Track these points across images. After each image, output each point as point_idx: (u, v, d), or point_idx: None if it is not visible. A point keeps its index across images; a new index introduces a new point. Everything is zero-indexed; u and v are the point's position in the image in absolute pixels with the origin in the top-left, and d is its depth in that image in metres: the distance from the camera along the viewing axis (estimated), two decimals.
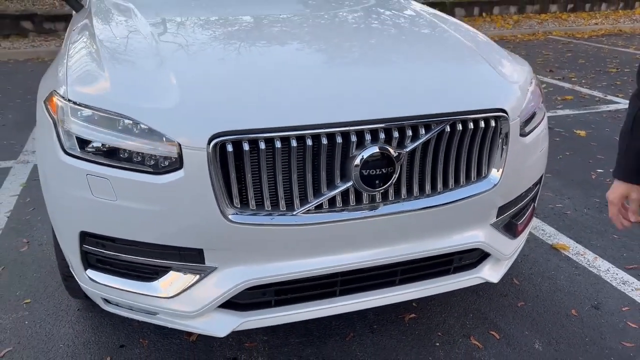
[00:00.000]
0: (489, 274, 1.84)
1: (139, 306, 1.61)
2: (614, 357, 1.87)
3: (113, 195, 1.46)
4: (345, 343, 1.94)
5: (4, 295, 2.18)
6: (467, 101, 1.60)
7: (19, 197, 3.08)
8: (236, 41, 1.96)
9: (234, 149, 1.40)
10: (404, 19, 2.42)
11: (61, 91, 1.59)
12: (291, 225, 1.48)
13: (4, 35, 8.07)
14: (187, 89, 1.53)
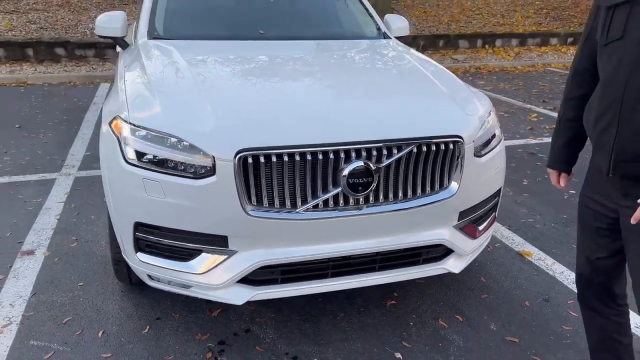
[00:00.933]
0: (452, 266, 2.30)
1: (176, 281, 2.10)
2: (553, 336, 2.31)
3: (162, 194, 1.96)
4: (337, 321, 2.40)
5: (62, 280, 2.68)
6: (431, 129, 2.10)
7: (65, 203, 3.60)
8: (254, 76, 2.50)
9: (253, 161, 1.90)
10: (389, 61, 2.95)
11: (123, 115, 2.12)
12: (294, 219, 1.97)
13: (39, 61, 8.76)
14: (219, 115, 2.05)
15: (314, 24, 3.42)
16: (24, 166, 4.30)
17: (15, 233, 3.15)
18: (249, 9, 3.39)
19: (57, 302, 2.49)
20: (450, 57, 10.24)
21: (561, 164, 1.82)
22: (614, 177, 1.52)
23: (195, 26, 3.17)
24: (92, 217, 3.38)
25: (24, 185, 3.91)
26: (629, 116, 1.43)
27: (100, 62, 8.92)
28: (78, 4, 10.59)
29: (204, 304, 2.48)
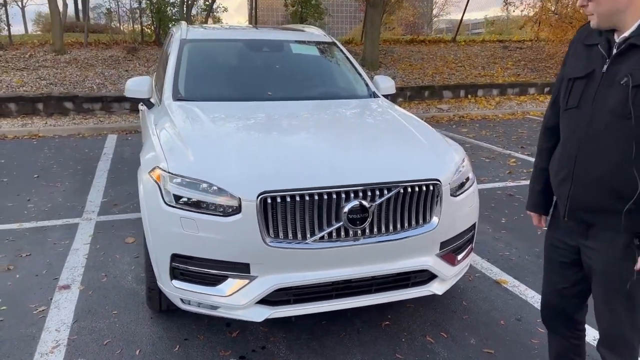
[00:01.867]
0: (436, 289, 2.73)
1: (206, 303, 2.50)
2: (523, 348, 2.72)
3: (196, 229, 2.40)
4: (340, 339, 2.79)
5: (98, 309, 3.06)
6: (414, 173, 2.58)
7: (90, 244, 4.00)
8: (267, 130, 3.03)
9: (271, 201, 2.35)
10: (379, 117, 3.48)
11: (162, 166, 2.58)
12: (304, 248, 2.40)
13: (49, 114, 9.29)
14: (242, 163, 2.52)
15: (314, 86, 3.98)
16: (47, 212, 4.71)
17: (50, 271, 3.54)
18: (257, 74, 3.95)
19: (96, 328, 2.86)
20: (435, 107, 10.92)
21: (540, 207, 2.07)
22: (569, 221, 1.84)
23: (213, 89, 3.70)
24: (117, 256, 3.78)
25: (51, 229, 4.31)
26: (581, 173, 1.71)
27: (107, 115, 9.48)
28: (85, 61, 11.24)
29: (224, 327, 2.87)
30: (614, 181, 1.64)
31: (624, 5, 1.59)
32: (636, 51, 1.58)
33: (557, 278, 1.99)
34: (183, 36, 4.11)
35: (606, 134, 1.64)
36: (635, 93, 1.55)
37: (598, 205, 1.70)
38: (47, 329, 2.85)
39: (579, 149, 1.72)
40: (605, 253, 1.73)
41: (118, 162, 6.54)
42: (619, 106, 1.59)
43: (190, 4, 14.30)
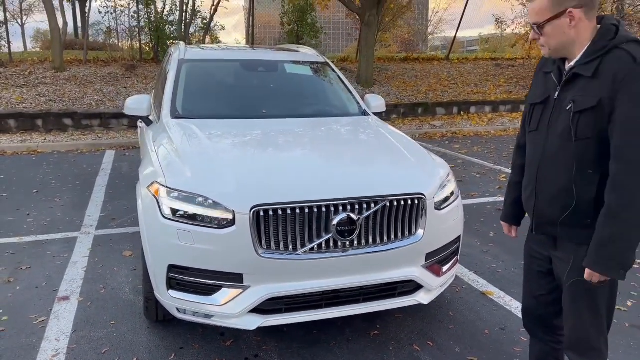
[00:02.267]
0: (422, 298, 2.84)
1: (201, 312, 2.61)
2: (506, 355, 2.83)
3: (192, 241, 2.52)
4: (330, 347, 2.90)
5: (96, 319, 3.16)
6: (401, 188, 2.71)
7: (89, 257, 4.11)
8: (261, 147, 3.16)
9: (264, 214, 2.48)
10: (369, 134, 3.62)
11: (160, 180, 2.71)
12: (295, 259, 2.52)
13: (48, 130, 9.44)
14: (236, 178, 2.65)
15: (307, 104, 4.14)
16: (47, 226, 4.82)
17: (50, 283, 3.64)
18: (253, 93, 4.11)
19: (95, 337, 2.96)
20: (428, 123, 11.11)
21: (510, 218, 2.25)
22: (537, 234, 1.99)
23: (209, 107, 3.85)
24: (115, 268, 3.89)
25: (50, 243, 4.42)
26: (542, 191, 1.88)
27: (105, 131, 9.62)
28: (84, 78, 11.42)
29: (219, 336, 2.97)
30: (566, 198, 1.80)
31: (571, 39, 1.75)
32: (580, 80, 1.74)
33: (534, 286, 2.14)
34: (181, 56, 4.27)
35: (557, 155, 1.80)
36: (577, 118, 1.72)
37: (557, 220, 1.85)
38: (47, 338, 2.94)
39: (539, 169, 1.88)
40: (569, 263, 1.87)
41: (116, 178, 6.67)
42: (565, 130, 1.76)
43: (188, 22, 14.56)
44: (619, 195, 1.67)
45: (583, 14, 1.71)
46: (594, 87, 1.69)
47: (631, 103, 1.62)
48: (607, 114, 1.67)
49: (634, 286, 3.70)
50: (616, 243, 1.71)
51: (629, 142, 1.64)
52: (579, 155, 1.74)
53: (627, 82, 1.62)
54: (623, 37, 1.69)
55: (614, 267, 1.73)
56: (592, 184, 1.75)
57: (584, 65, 1.73)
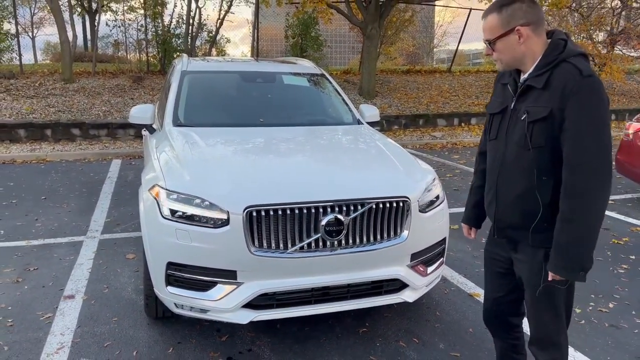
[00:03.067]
0: (407, 296, 2.99)
1: (197, 307, 2.77)
2: (487, 352, 2.97)
3: (189, 240, 2.69)
4: (320, 343, 3.05)
5: (99, 316, 3.33)
6: (386, 191, 2.87)
7: (94, 260, 4.29)
8: (256, 153, 3.34)
9: (256, 215, 2.65)
10: (360, 142, 3.80)
11: (160, 183, 2.89)
12: (285, 257, 2.69)
13: (57, 140, 9.69)
14: (231, 181, 2.83)
15: (303, 113, 4.33)
16: (54, 231, 5.01)
17: (56, 282, 3.82)
18: (251, 102, 4.30)
19: (98, 332, 3.13)
20: (429, 134, 11.28)
21: (471, 220, 2.36)
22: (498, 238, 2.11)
23: (209, 116, 4.05)
24: (118, 270, 4.06)
25: (57, 246, 4.60)
26: (502, 197, 1.98)
27: (112, 141, 9.86)
28: (92, 89, 11.70)
29: (214, 332, 3.13)
30: (524, 203, 1.91)
31: (522, 54, 1.88)
32: (533, 91, 1.87)
33: (495, 287, 2.24)
34: (184, 68, 4.48)
35: (515, 163, 1.92)
36: (531, 128, 1.83)
37: (517, 224, 1.97)
38: (53, 332, 3.11)
39: (498, 176, 2.00)
40: (529, 265, 1.99)
41: (121, 185, 6.87)
42: (521, 139, 1.87)
43: (194, 35, 14.87)
44: (572, 201, 1.77)
45: (530, 31, 1.84)
46: (545, 99, 1.81)
47: (579, 113, 1.74)
48: (558, 123, 1.78)
49: (617, 289, 3.83)
50: (573, 247, 1.80)
51: (578, 150, 1.75)
52: (535, 162, 1.84)
53: (575, 93, 1.74)
54: (571, 51, 1.82)
55: (574, 270, 1.83)
56: (548, 190, 1.85)
57: (536, 78, 1.85)
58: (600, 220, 1.81)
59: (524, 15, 1.83)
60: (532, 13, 1.85)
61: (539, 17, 1.87)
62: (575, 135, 1.75)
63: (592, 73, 1.77)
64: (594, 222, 1.79)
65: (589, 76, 1.75)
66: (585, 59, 1.83)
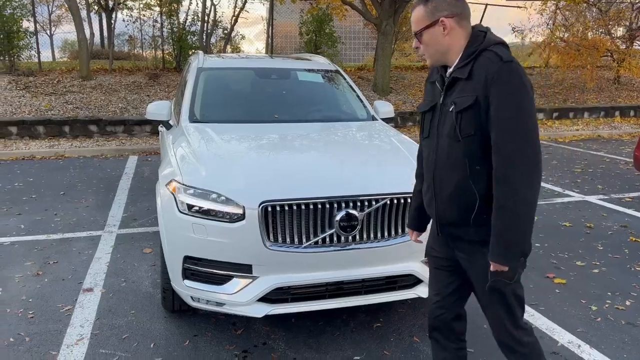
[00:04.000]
0: (421, 292, 3.00)
1: (213, 300, 2.81)
2: None
3: (206, 234, 2.73)
4: (334, 337, 3.07)
5: (118, 309, 3.39)
6: (401, 187, 2.88)
7: (111, 254, 4.36)
8: (271, 149, 3.37)
9: (271, 210, 2.68)
10: (374, 139, 3.81)
11: (177, 179, 2.93)
12: (300, 252, 2.71)
13: (75, 136, 9.83)
14: (246, 177, 2.86)
15: (317, 109, 4.35)
16: (73, 225, 5.10)
17: (75, 276, 3.90)
18: (266, 99, 4.34)
19: (116, 324, 3.19)
20: None
21: (413, 224, 2.32)
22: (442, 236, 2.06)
23: (225, 112, 4.09)
24: (136, 264, 4.13)
25: (76, 240, 4.69)
26: (439, 193, 1.95)
27: (129, 138, 9.98)
28: (109, 86, 11.84)
29: (230, 325, 3.17)
30: (461, 197, 1.89)
31: (447, 47, 1.90)
32: (458, 83, 1.87)
33: (439, 286, 2.17)
34: (200, 65, 4.52)
35: (448, 156, 1.90)
36: (460, 118, 1.83)
37: (457, 220, 1.94)
38: (72, 324, 3.18)
39: (434, 172, 1.98)
40: (474, 261, 1.96)
41: (138, 181, 6.96)
42: (451, 130, 1.87)
43: (209, 32, 14.95)
44: (502, 187, 1.77)
45: (455, 22, 1.86)
46: (470, 88, 1.82)
47: (501, 98, 1.75)
48: (484, 110, 1.78)
49: (634, 287, 3.79)
50: (510, 233, 1.78)
51: (503, 135, 1.75)
52: (466, 153, 1.84)
53: (497, 79, 1.75)
54: (490, 40, 1.85)
55: (514, 257, 1.81)
56: (482, 181, 1.84)
57: (460, 69, 1.86)
58: (532, 204, 1.79)
59: (448, 7, 1.86)
60: (456, 5, 1.87)
61: (463, 10, 1.89)
62: (498, 120, 1.76)
63: (512, 59, 1.78)
64: (525, 207, 1.78)
65: (510, 61, 1.76)
66: (506, 47, 1.85)
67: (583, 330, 3.18)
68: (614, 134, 11.58)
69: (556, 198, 6.27)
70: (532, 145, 1.77)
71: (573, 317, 3.35)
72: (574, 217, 5.48)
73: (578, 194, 6.44)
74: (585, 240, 4.80)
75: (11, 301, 3.49)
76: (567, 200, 6.17)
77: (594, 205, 5.97)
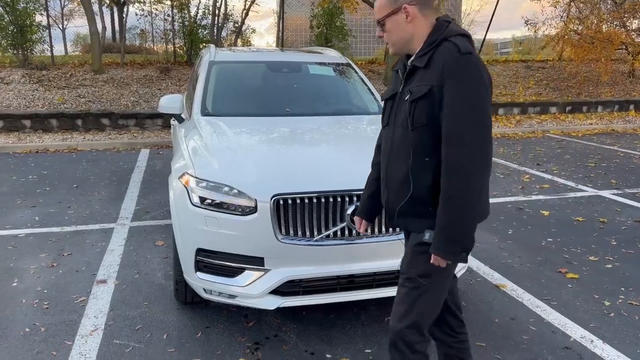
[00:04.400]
0: None
1: (225, 292, 2.83)
2: (513, 343, 2.96)
3: (218, 226, 2.74)
4: (345, 330, 3.08)
5: (131, 300, 3.43)
6: None
7: (124, 246, 4.40)
8: (283, 142, 3.37)
9: (283, 203, 2.69)
10: None
11: (190, 172, 2.95)
12: (311, 245, 2.72)
13: (87, 130, 9.91)
14: (259, 170, 2.87)
15: (329, 103, 4.34)
16: (86, 218, 5.15)
17: (89, 268, 3.94)
18: (277, 92, 4.34)
19: (129, 315, 3.23)
20: None
21: (362, 213, 2.28)
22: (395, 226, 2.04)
23: (237, 106, 4.10)
24: (148, 256, 4.17)
25: (89, 232, 4.74)
26: (390, 182, 1.93)
27: (140, 131, 10.04)
28: (121, 80, 11.92)
29: (242, 317, 3.19)
30: (409, 187, 1.85)
31: (409, 35, 1.87)
32: (418, 72, 1.84)
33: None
34: (211, 58, 4.53)
35: (400, 146, 1.88)
36: (413, 107, 1.80)
37: (405, 211, 1.90)
38: (87, 315, 3.22)
39: (388, 162, 1.96)
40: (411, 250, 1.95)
41: (150, 174, 7.01)
42: (404, 120, 1.84)
43: (220, 26, 14.97)
44: (450, 178, 1.73)
45: (417, 10, 1.84)
46: (427, 77, 1.79)
47: (456, 90, 1.72)
48: (437, 101, 1.75)
49: None
50: (454, 226, 1.75)
51: (452, 126, 1.72)
52: (417, 143, 1.81)
53: (453, 70, 1.72)
54: (452, 31, 1.82)
55: (456, 251, 1.77)
56: (429, 172, 1.81)
57: (420, 58, 1.83)
58: (478, 198, 1.75)
59: None
60: None
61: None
62: (451, 111, 1.73)
63: (470, 51, 1.75)
64: (471, 200, 1.74)
65: (467, 53, 1.73)
66: (467, 39, 1.81)
67: (596, 325, 3.16)
68: (628, 128, 11.44)
69: (569, 193, 6.22)
70: (481, 138, 1.73)
71: (586, 312, 3.33)
72: (587, 212, 5.44)
73: (591, 189, 6.38)
74: (598, 235, 4.76)
75: (27, 292, 3.54)
76: (580, 195, 6.11)
77: (608, 200, 5.91)
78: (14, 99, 10.51)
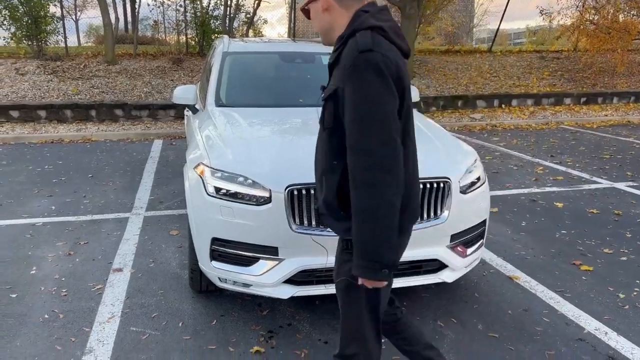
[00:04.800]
0: (446, 277, 3.00)
1: (240, 281, 2.86)
2: (526, 334, 2.96)
3: (233, 216, 2.77)
4: None
5: (147, 289, 3.48)
6: (427, 172, 2.86)
7: (139, 235, 4.46)
8: (296, 132, 3.37)
9: (297, 193, 2.70)
10: None
11: (205, 162, 2.97)
12: (325, 235, 2.73)
13: (101, 120, 10.00)
14: (273, 160, 2.88)
15: None
16: (101, 207, 5.22)
17: (105, 256, 4.00)
18: (290, 83, 4.34)
19: (145, 304, 3.28)
20: (468, 116, 11.08)
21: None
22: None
23: (250, 96, 4.12)
24: (163, 245, 4.22)
25: (104, 222, 4.80)
26: (320, 185, 1.80)
27: (153, 122, 10.10)
28: (134, 71, 11.98)
29: (256, 306, 3.23)
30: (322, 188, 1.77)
31: (328, 24, 1.76)
32: (334, 68, 1.70)
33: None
34: (225, 49, 4.55)
35: (320, 145, 1.79)
36: (324, 107, 1.70)
37: (323, 210, 1.81)
38: (104, 303, 3.28)
39: (315, 159, 1.87)
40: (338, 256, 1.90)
41: (163, 165, 7.06)
42: (321, 119, 1.75)
43: (232, 17, 14.96)
44: (355, 190, 1.59)
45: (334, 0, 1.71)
46: (337, 76, 1.65)
47: (351, 95, 1.57)
48: (342, 103, 1.61)
49: None
50: (368, 242, 1.59)
51: (352, 135, 1.59)
52: (328, 144, 1.71)
53: (349, 72, 1.57)
54: (362, 24, 1.64)
55: (374, 269, 1.61)
56: (337, 175, 1.70)
57: (333, 53, 1.71)
58: (390, 210, 1.57)
59: None
60: None
61: None
62: (348, 117, 1.59)
63: (370, 48, 1.55)
64: (379, 214, 1.56)
65: (367, 51, 1.55)
66: (375, 31, 1.61)
67: (610, 317, 3.15)
68: None
69: (583, 185, 6.16)
70: (386, 146, 1.55)
71: (600, 304, 3.32)
72: (601, 204, 5.39)
73: (606, 181, 6.31)
74: (613, 227, 4.72)
75: (45, 279, 3.61)
76: (594, 187, 6.06)
77: (623, 192, 5.86)
78: (29, 90, 10.62)
